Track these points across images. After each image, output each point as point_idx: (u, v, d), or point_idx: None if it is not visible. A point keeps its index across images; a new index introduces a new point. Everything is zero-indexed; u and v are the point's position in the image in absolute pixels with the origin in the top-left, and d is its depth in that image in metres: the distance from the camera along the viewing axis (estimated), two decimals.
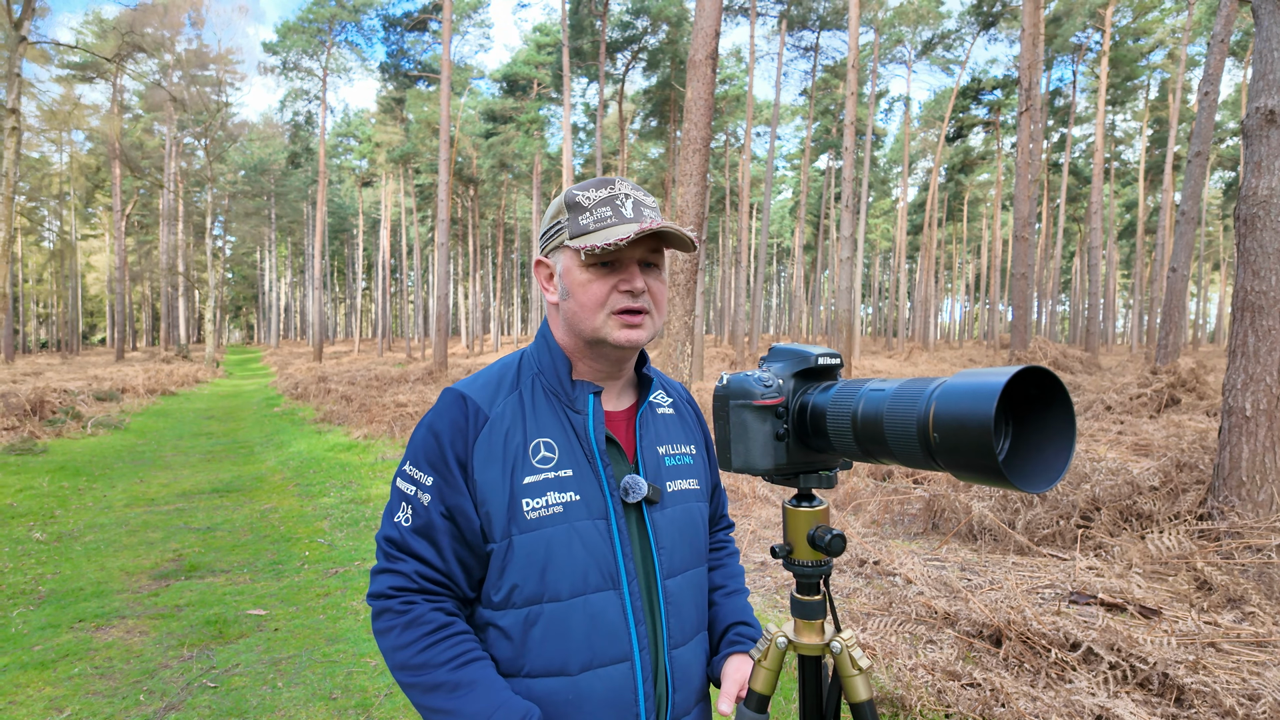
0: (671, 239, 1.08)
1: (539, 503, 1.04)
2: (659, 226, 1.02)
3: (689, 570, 1.17)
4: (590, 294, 1.06)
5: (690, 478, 1.20)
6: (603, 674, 1.05)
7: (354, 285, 62.46)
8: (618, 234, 1.02)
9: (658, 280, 1.11)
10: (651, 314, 1.10)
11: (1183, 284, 12.79)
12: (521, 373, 1.14)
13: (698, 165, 7.83)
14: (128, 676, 3.42)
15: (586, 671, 1.04)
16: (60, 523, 6.28)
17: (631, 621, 1.07)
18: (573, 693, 1.04)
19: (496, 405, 1.09)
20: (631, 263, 1.07)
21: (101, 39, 32.89)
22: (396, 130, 39.36)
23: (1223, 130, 35.35)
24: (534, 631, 1.05)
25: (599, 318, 1.07)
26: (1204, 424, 8.77)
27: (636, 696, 1.06)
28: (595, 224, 1.06)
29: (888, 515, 6.01)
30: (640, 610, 1.08)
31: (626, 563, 1.08)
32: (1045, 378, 0.77)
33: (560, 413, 1.11)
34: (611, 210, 1.06)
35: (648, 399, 1.19)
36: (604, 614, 1.05)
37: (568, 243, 1.07)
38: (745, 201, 30.12)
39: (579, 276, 1.07)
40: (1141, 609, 3.59)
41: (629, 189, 1.09)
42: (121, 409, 14.66)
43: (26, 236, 39.33)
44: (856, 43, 18.56)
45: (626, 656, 1.06)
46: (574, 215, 1.08)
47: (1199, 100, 12.66)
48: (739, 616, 1.26)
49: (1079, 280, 48.70)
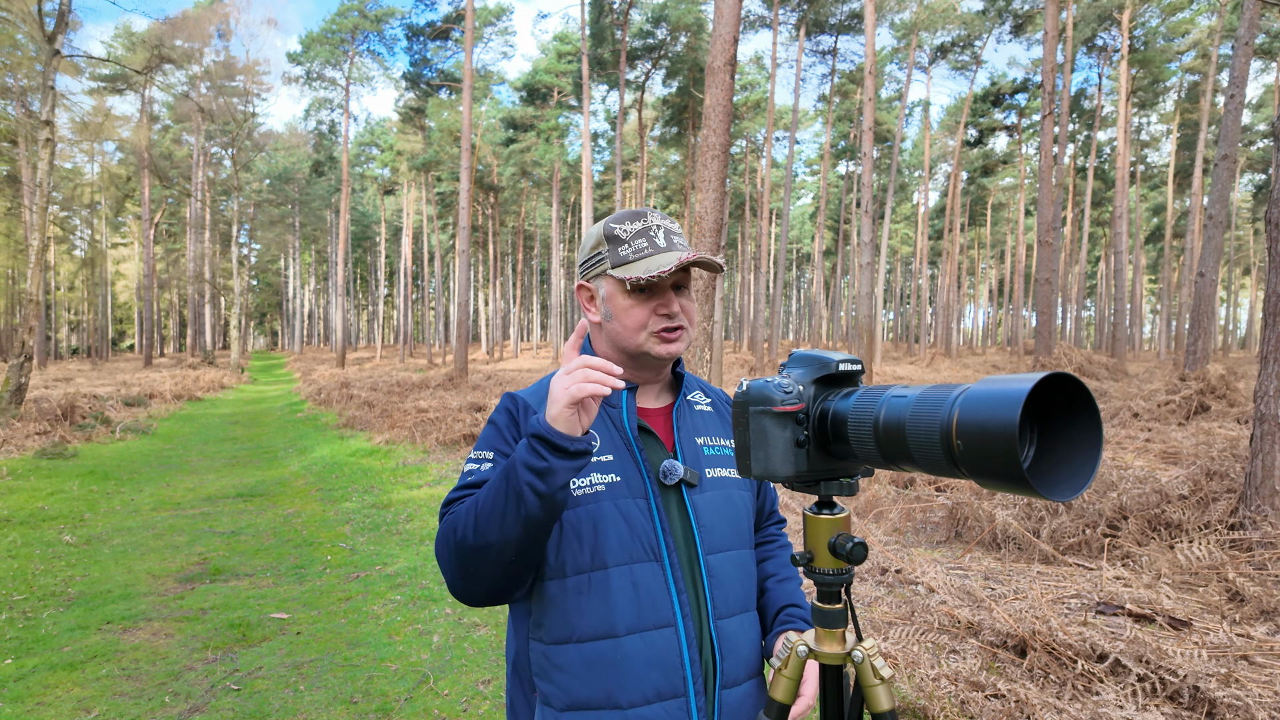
0: (702, 263, 1.19)
1: (584, 483, 1.16)
2: (694, 258, 1.15)
3: (732, 550, 1.24)
4: (633, 318, 1.20)
5: (730, 467, 1.28)
6: (647, 637, 1.12)
7: (376, 292, 63.09)
8: (659, 264, 1.16)
9: (689, 299, 1.24)
10: (685, 328, 1.23)
11: (1211, 289, 12.56)
12: None
13: (716, 171, 7.83)
14: (154, 678, 3.46)
15: (631, 634, 1.12)
16: (89, 526, 6.39)
17: (674, 590, 1.15)
18: (619, 653, 1.12)
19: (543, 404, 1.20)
20: (667, 288, 1.21)
21: (131, 51, 33.57)
22: (418, 139, 39.77)
23: (1252, 133, 34.74)
24: (583, 599, 1.13)
25: (641, 336, 1.20)
26: (1235, 431, 8.59)
27: (682, 660, 1.13)
28: (634, 255, 1.19)
29: (910, 523, 5.94)
30: (682, 581, 1.16)
31: (666, 537, 1.17)
32: (1071, 384, 0.75)
33: (600, 410, 1.21)
34: (647, 241, 1.20)
35: (683, 395, 1.31)
36: (646, 583, 1.14)
37: (610, 272, 1.21)
38: (765, 207, 30.06)
39: (622, 303, 1.20)
40: (1171, 620, 3.52)
41: (659, 219, 1.23)
42: (149, 414, 14.91)
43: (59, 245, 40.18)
44: (874, 48, 18.48)
45: (670, 623, 1.14)
46: (614, 247, 1.21)
47: (1225, 103, 12.46)
48: (791, 599, 1.34)
49: (1105, 285, 48.01)
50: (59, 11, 12.49)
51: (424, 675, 3.47)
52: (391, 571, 5.07)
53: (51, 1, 12.73)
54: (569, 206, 48.35)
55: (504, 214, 48.32)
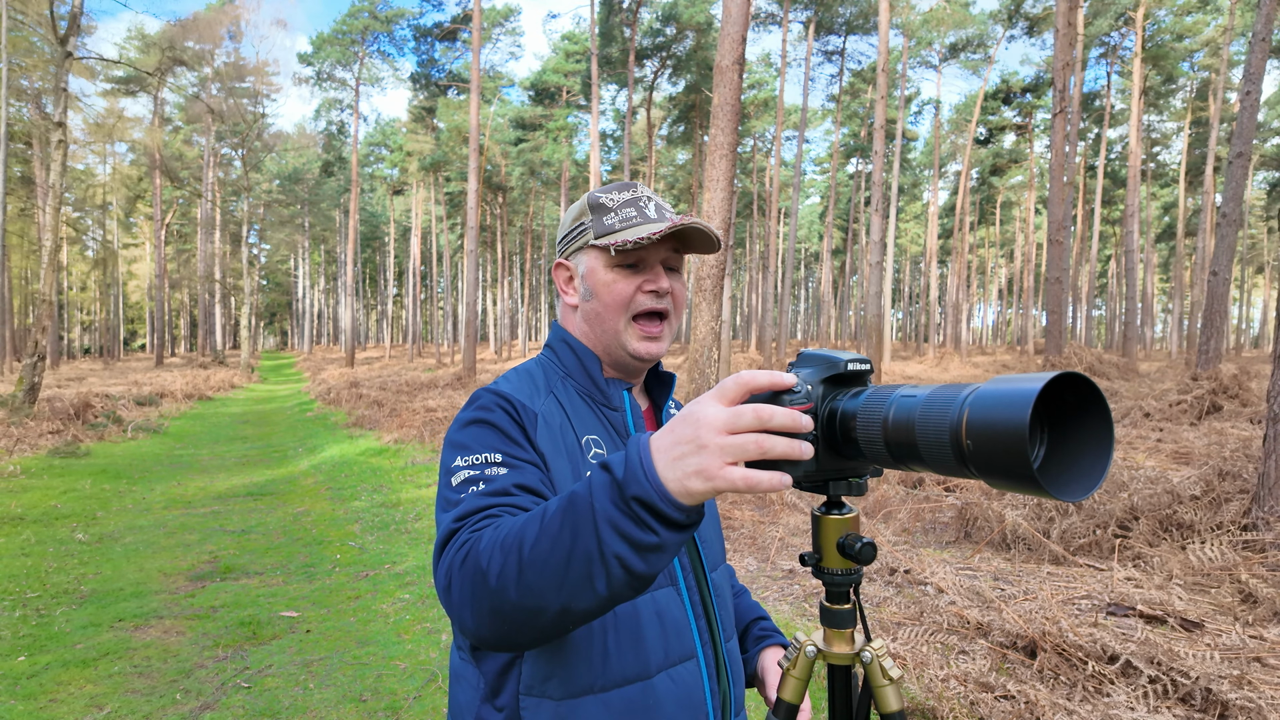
0: (697, 240, 1.08)
1: None
2: (688, 222, 1.03)
3: (720, 565, 1.15)
4: (615, 293, 1.06)
5: None
6: (674, 673, 0.99)
7: (385, 292, 63.30)
8: (648, 229, 1.03)
9: (679, 282, 1.11)
10: (670, 319, 1.10)
11: (1224, 287, 12.44)
12: (548, 379, 1.10)
13: (725, 170, 7.82)
14: (165, 675, 3.49)
15: (661, 673, 0.98)
16: (101, 524, 6.45)
17: (691, 616, 1.03)
18: (650, 698, 0.97)
19: (539, 403, 1.04)
20: (656, 263, 1.08)
21: (144, 53, 33.82)
22: (427, 139, 39.89)
23: (1266, 130, 34.40)
24: (609, 637, 0.96)
25: (622, 320, 1.07)
26: (1247, 431, 8.51)
27: (704, 694, 1.02)
28: (621, 223, 1.06)
29: (919, 523, 5.92)
30: (697, 605, 1.05)
31: (681, 556, 1.05)
32: (1081, 384, 0.75)
33: (598, 412, 1.09)
34: (636, 211, 1.07)
35: (669, 397, 1.19)
36: (668, 610, 1.01)
37: (593, 242, 1.08)
38: (774, 206, 29.99)
39: (604, 276, 1.07)
40: (1183, 621, 3.49)
41: (649, 193, 1.10)
42: (160, 413, 15.01)
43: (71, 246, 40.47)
44: (886, 46, 18.40)
45: (692, 654, 1.02)
46: (598, 216, 1.08)
47: (1240, 100, 12.34)
48: (757, 612, 1.27)
49: (1115, 284, 47.67)
50: (72, 14, 12.58)
51: (433, 673, 3.48)
52: (400, 570, 5.09)
53: (65, 4, 12.84)
54: None
55: (512, 214, 48.40)
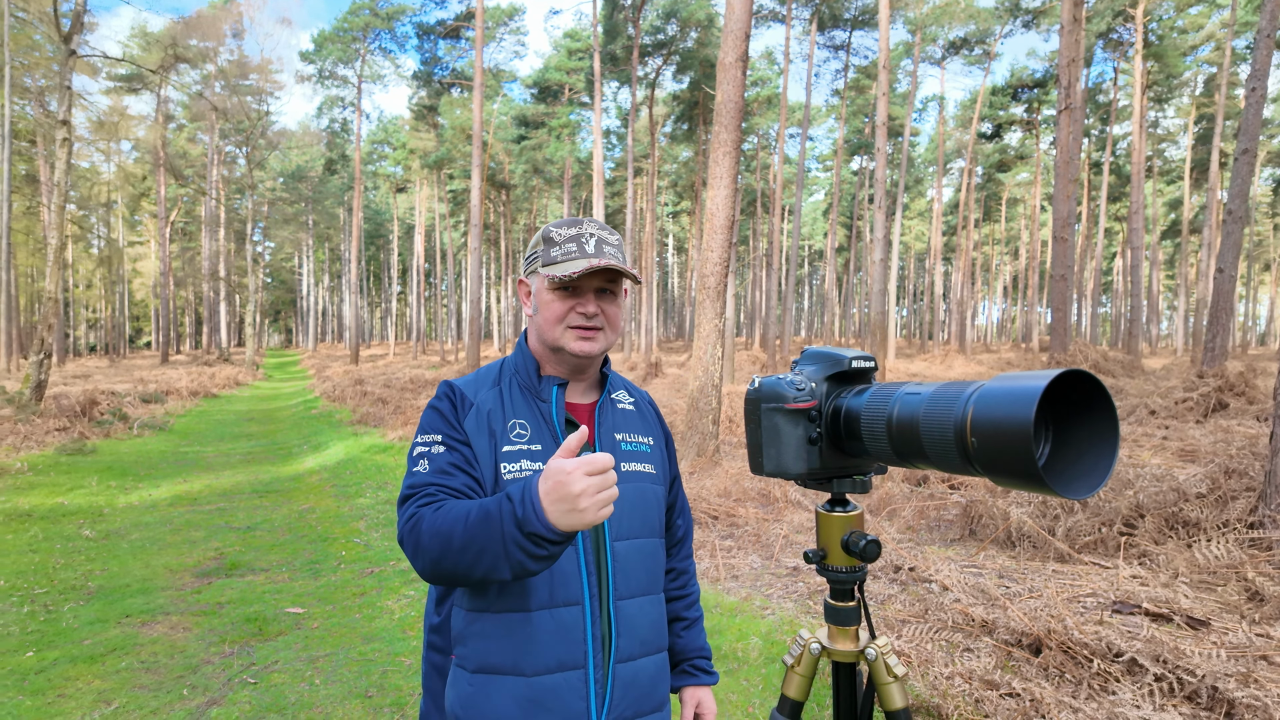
0: (614, 271, 1.30)
1: (514, 467, 1.25)
2: (604, 264, 1.26)
3: (639, 538, 1.34)
4: (553, 311, 1.31)
5: (646, 462, 1.40)
6: (556, 614, 1.22)
7: (389, 289, 63.41)
8: (575, 267, 1.27)
9: (612, 305, 1.34)
10: (604, 330, 1.33)
11: (1230, 284, 12.39)
12: (502, 374, 1.38)
13: (728, 168, 7.80)
14: (172, 671, 3.51)
15: (541, 610, 1.22)
16: (108, 521, 6.47)
17: (583, 573, 1.24)
18: (528, 626, 1.21)
19: (480, 395, 1.33)
20: (589, 290, 1.31)
21: (147, 51, 33.85)
22: (430, 137, 39.87)
23: (1272, 126, 34.22)
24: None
25: (558, 330, 1.31)
26: (1254, 429, 8.48)
27: (585, 634, 1.23)
28: (562, 256, 1.31)
29: (923, 521, 5.92)
30: (590, 564, 1.25)
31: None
32: (1086, 381, 0.75)
33: (531, 402, 1.33)
34: (576, 246, 1.31)
35: (606, 393, 1.41)
36: (562, 564, 1.23)
37: (540, 270, 1.33)
38: (777, 203, 29.92)
39: (546, 297, 1.32)
40: (1189, 619, 3.48)
41: (595, 229, 1.34)
42: (166, 411, 15.06)
43: (76, 243, 40.56)
44: (887, 42, 18.34)
45: (578, 600, 1.23)
46: (547, 248, 1.33)
47: (1246, 96, 12.26)
48: (700, 651, 1.51)
49: (1121, 281, 47.48)
50: (75, 12, 12.60)
51: None
52: (405, 567, 5.11)
53: (68, 2, 12.86)
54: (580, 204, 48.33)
55: (516, 211, 48.38)
